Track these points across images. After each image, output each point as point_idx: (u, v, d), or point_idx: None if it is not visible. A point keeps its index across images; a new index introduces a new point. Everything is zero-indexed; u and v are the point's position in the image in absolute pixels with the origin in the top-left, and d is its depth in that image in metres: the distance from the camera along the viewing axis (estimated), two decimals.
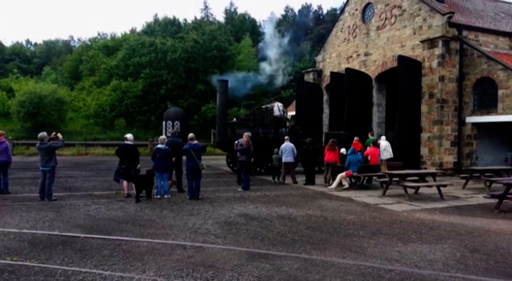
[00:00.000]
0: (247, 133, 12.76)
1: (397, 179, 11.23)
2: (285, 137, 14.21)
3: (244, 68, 42.45)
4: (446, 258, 5.61)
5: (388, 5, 21.04)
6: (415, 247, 6.15)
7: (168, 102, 35.45)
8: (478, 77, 17.10)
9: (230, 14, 59.41)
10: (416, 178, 11.97)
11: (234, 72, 41.51)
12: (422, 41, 18.13)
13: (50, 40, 64.48)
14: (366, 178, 13.24)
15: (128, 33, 52.99)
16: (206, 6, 62.96)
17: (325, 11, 60.20)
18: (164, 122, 20.22)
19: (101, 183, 13.01)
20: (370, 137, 15.32)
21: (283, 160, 13.56)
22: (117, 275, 4.67)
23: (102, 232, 6.68)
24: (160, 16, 54.90)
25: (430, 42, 17.64)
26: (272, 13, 64.77)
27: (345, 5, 24.92)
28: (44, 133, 9.86)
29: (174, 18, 51.88)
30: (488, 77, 16.72)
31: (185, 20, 54.15)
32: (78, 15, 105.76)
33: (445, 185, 11.29)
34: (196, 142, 10.56)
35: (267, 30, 38.18)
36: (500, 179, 11.78)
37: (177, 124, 17.84)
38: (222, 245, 6.03)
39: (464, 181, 13.27)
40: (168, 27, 49.12)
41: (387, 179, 11.45)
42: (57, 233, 6.56)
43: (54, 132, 10.37)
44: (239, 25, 55.71)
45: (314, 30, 53.49)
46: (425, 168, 17.04)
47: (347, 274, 4.88)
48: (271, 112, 18.01)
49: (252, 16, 57.73)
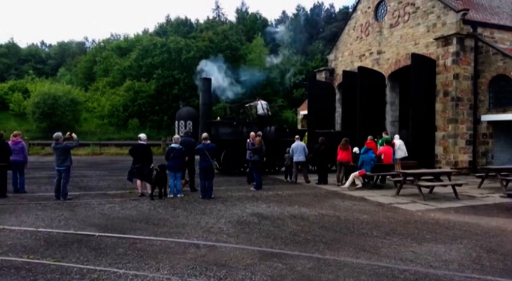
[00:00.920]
0: (259, 133, 12.80)
1: (411, 178, 11.11)
2: (295, 136, 14.16)
3: (255, 67, 42.49)
4: (461, 258, 5.53)
5: (401, 2, 20.82)
6: (430, 247, 6.07)
7: (181, 102, 35.65)
8: (494, 74, 16.81)
9: (241, 13, 59.47)
10: (431, 177, 11.82)
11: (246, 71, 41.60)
12: (436, 39, 17.90)
13: (64, 42, 65.45)
14: (380, 177, 13.14)
15: (141, 34, 53.50)
16: (218, 6, 63.08)
17: (337, 10, 59.92)
18: (177, 121, 20.31)
19: (115, 182, 13.15)
20: (384, 136, 15.18)
21: (295, 159, 13.52)
22: (132, 274, 4.71)
23: (116, 230, 6.75)
24: (173, 17, 55.28)
25: (444, 40, 17.40)
26: (283, 12, 64.61)
27: (357, 3, 24.74)
28: (59, 133, 10.00)
29: (186, 19, 52.16)
30: (504, 75, 16.42)
31: (197, 20, 54.42)
32: (91, 16, 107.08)
33: (460, 185, 11.13)
34: (209, 142, 10.61)
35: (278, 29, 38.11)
36: None
37: (189, 124, 17.85)
38: (234, 244, 6.04)
39: (479, 180, 13.05)
40: (180, 27, 49.41)
41: (401, 179, 11.33)
42: (72, 231, 6.65)
43: (68, 133, 10.52)
44: (250, 25, 55.73)
45: (326, 28, 53.21)
46: (439, 167, 16.83)
47: (361, 274, 4.84)
48: (255, 111, 17.48)
49: (264, 15, 57.77)
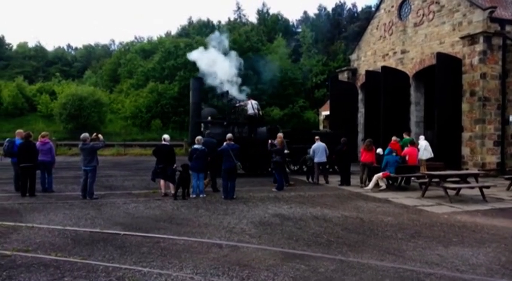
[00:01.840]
0: (281, 134, 12.78)
1: (437, 180, 10.87)
2: (316, 137, 14.05)
3: (277, 69, 42.42)
4: (490, 262, 5.37)
5: (425, 1, 20.41)
6: (457, 250, 5.93)
7: (203, 103, 35.96)
8: None
9: (263, 14, 59.53)
10: (457, 179, 11.54)
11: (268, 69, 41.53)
12: (462, 38, 17.47)
13: (89, 44, 67.07)
14: (404, 178, 12.91)
15: (164, 36, 54.26)
16: (239, 8, 63.43)
17: (359, 9, 59.22)
18: None
19: (139, 182, 13.37)
20: (406, 137, 14.92)
21: (316, 160, 13.43)
22: (156, 272, 4.78)
23: (141, 229, 6.86)
24: (195, 19, 55.84)
25: (471, 39, 16.96)
26: (305, 12, 64.32)
27: (381, 2, 24.38)
28: (86, 134, 10.23)
29: (208, 21, 52.63)
30: None
31: (219, 22, 54.83)
32: (116, 20, 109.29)
33: (488, 187, 10.83)
34: (233, 142, 10.66)
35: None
36: None
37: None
38: (257, 244, 6.05)
39: (508, 182, 12.66)
40: (202, 29, 49.88)
41: (426, 180, 11.10)
42: (98, 230, 6.80)
43: (95, 133, 10.76)
44: (272, 25, 55.73)
45: (348, 28, 52.66)
46: (466, 169, 16.39)
47: (385, 277, 4.77)
48: (245, 111, 16.88)
49: (285, 16, 57.63)
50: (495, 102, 16.74)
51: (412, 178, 12.84)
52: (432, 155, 14.51)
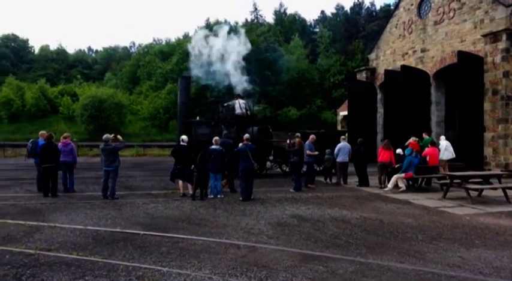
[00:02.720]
0: (298, 134, 12.73)
1: (459, 181, 10.65)
2: (341, 136, 13.91)
3: (294, 69, 42.32)
4: None
5: None
6: (479, 252, 5.79)
7: (221, 104, 36.13)
8: None
9: (280, 14, 59.45)
10: (480, 180, 11.28)
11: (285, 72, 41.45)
12: (484, 35, 17.07)
13: (110, 47, 68.25)
14: (425, 179, 12.69)
15: (181, 38, 54.76)
16: (256, 8, 63.46)
17: (378, 8, 58.54)
18: None
19: (158, 182, 13.52)
20: (426, 137, 14.66)
21: (340, 160, 13.25)
22: (175, 272, 4.83)
23: (160, 229, 6.94)
24: (212, 20, 56.13)
25: (493, 36, 16.56)
26: (322, 12, 63.88)
27: (400, 0, 24.04)
28: (108, 135, 10.35)
29: (225, 22, 52.83)
30: None
31: (236, 23, 54.93)
32: (135, 22, 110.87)
33: (511, 188, 10.54)
34: (250, 143, 10.67)
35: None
36: None
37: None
38: (274, 245, 6.04)
39: None
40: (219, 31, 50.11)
41: (448, 181, 10.89)
42: (118, 230, 6.90)
43: (113, 134, 10.87)
44: (289, 26, 55.60)
45: (366, 27, 52.10)
46: (489, 169, 16.02)
47: (405, 279, 4.70)
48: (232, 110, 16.40)
49: (302, 16, 57.42)
50: None
51: (433, 179, 12.61)
52: (454, 155, 14.22)
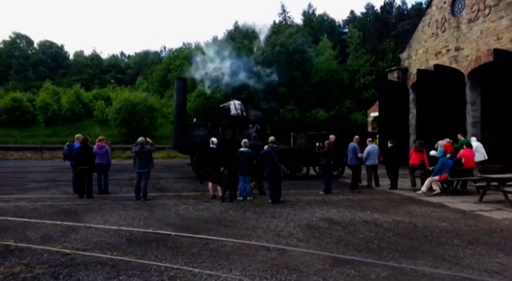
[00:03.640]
0: (332, 136, 12.60)
1: (496, 183, 10.23)
2: (368, 139, 13.66)
3: (323, 70, 41.96)
4: None
5: None
6: None
7: (249, 106, 36.29)
8: None
9: (308, 15, 59.16)
10: None
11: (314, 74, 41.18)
12: None
13: (142, 51, 69.97)
14: (460, 182, 12.27)
15: (210, 42, 55.40)
16: (284, 10, 63.35)
17: (409, 6, 57.23)
18: None
19: (188, 184, 13.69)
20: (462, 138, 14.17)
21: (370, 163, 12.99)
22: (206, 273, 4.87)
23: (191, 230, 7.02)
24: (240, 23, 56.55)
25: None
26: (352, 12, 63.08)
27: None
28: (142, 138, 10.59)
29: (253, 24, 53.13)
30: None
31: (264, 25, 55.10)
32: (166, 27, 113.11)
33: None
34: (276, 145, 10.65)
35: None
36: None
37: (256, 127, 17.97)
38: (305, 248, 5.99)
39: None
40: (248, 33, 50.41)
41: (484, 184, 10.48)
42: (151, 230, 7.04)
43: (141, 137, 11.03)
44: (317, 26, 55.23)
45: (397, 26, 51.01)
46: None
47: None
48: (228, 111, 16.03)
49: (331, 16, 56.86)
50: None
51: (469, 182, 12.17)
52: (486, 157, 13.67)
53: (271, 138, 10.82)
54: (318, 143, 12.62)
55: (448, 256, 5.64)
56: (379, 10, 56.88)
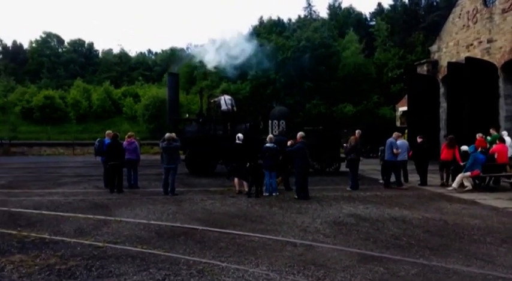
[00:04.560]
0: (358, 131, 12.42)
1: None
2: (397, 133, 13.35)
3: (350, 64, 41.35)
4: None
5: None
6: None
7: (274, 101, 36.26)
8: None
9: (334, 9, 58.34)
10: None
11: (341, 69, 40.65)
12: None
13: (171, 47, 70.79)
14: (493, 178, 11.87)
15: (236, 37, 55.50)
16: (309, 4, 62.56)
17: None
18: (270, 121, 20.66)
19: (215, 180, 13.81)
20: (494, 133, 13.68)
21: (401, 158, 12.67)
22: (233, 267, 4.93)
23: (217, 225, 7.10)
24: (265, 18, 56.34)
25: None
26: (379, 4, 61.67)
27: None
28: (169, 134, 10.77)
29: (278, 19, 52.81)
30: None
31: (289, 19, 54.76)
32: (192, 24, 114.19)
33: None
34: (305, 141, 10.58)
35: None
36: None
37: (282, 123, 17.88)
38: (332, 245, 5.96)
39: None
40: (273, 28, 50.20)
41: None
42: (179, 224, 7.17)
43: (167, 133, 11.20)
44: (343, 20, 54.41)
45: (427, 18, 49.59)
46: None
47: None
48: (218, 107, 15.80)
49: (357, 9, 55.88)
50: None
51: (502, 178, 11.76)
52: None
53: (301, 133, 10.72)
54: (345, 145, 12.50)
55: (480, 254, 5.49)
56: (407, 2, 55.42)
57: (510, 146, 13.02)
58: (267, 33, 48.23)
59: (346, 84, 40.73)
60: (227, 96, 15.80)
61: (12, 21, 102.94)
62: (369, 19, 59.49)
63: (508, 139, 13.23)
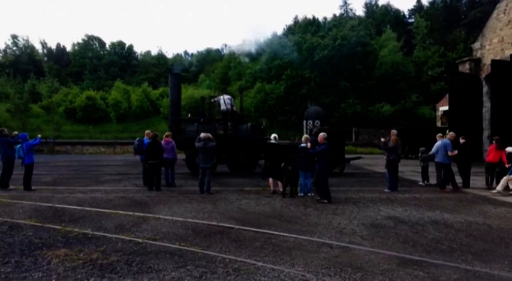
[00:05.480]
0: (394, 131, 12.10)
1: None
2: (438, 134, 12.91)
3: (388, 63, 40.42)
4: None
5: None
6: None
7: (309, 101, 36.03)
8: None
9: (371, 7, 57.23)
10: None
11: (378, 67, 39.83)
12: None
13: (207, 48, 71.98)
14: None
15: (270, 37, 55.58)
16: (345, 2, 61.84)
17: None
18: (305, 121, 20.53)
19: (250, 179, 13.89)
20: None
21: (440, 160, 12.21)
22: (269, 267, 4.94)
23: (253, 224, 7.13)
24: (300, 17, 56.04)
25: None
26: (418, 1, 59.80)
27: None
28: (205, 134, 10.93)
29: (313, 18, 52.37)
30: None
31: (325, 18, 54.18)
32: (227, 25, 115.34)
33: None
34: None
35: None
36: None
37: (317, 123, 17.71)
38: (369, 247, 5.85)
39: None
40: (308, 27, 49.87)
41: None
42: (215, 223, 7.25)
43: (202, 133, 11.35)
44: (380, 18, 53.25)
45: (468, 15, 47.67)
46: None
47: None
48: (218, 106, 15.75)
49: (395, 6, 54.50)
50: None
51: None
52: None
53: (323, 134, 10.36)
54: (383, 139, 12.22)
55: None
56: None
57: None
58: (302, 32, 48.00)
59: (383, 83, 39.87)
60: (226, 96, 15.78)
61: (56, 25, 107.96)
62: (407, 16, 57.94)
63: None
